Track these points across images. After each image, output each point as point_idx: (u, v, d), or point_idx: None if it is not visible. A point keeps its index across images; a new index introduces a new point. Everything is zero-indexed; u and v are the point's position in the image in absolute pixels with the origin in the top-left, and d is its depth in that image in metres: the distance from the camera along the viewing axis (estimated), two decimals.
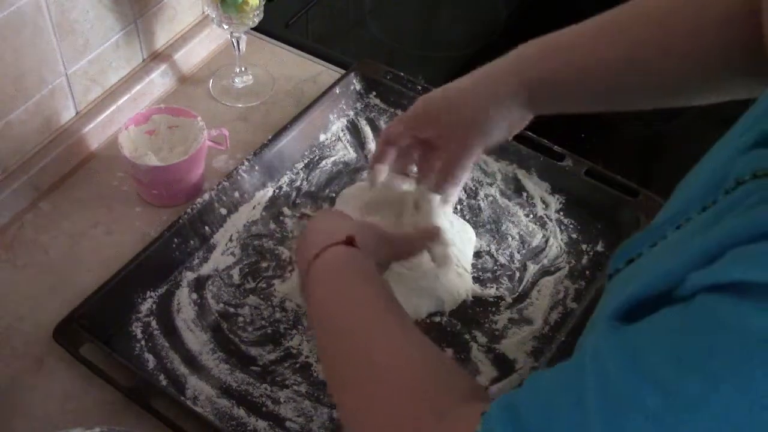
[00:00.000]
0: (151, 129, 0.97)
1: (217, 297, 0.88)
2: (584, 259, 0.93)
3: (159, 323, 0.86)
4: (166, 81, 1.10)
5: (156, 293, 0.88)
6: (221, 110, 1.09)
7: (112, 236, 0.94)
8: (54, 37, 0.93)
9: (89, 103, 1.02)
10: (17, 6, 0.86)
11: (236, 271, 0.91)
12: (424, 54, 1.30)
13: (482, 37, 1.32)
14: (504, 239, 0.95)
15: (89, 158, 1.02)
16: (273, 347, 0.84)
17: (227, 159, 1.02)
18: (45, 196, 0.97)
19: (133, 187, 0.98)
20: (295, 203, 0.98)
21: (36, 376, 0.82)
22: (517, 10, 1.37)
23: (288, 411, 0.79)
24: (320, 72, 1.14)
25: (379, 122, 1.07)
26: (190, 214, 0.91)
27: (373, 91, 1.09)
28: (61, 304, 0.85)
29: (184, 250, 0.91)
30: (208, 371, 0.82)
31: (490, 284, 0.90)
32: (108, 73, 1.03)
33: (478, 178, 1.01)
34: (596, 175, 0.97)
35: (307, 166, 1.02)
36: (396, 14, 1.36)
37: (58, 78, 0.96)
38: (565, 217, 0.97)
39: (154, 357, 0.83)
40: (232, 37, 1.06)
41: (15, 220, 0.95)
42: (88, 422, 0.74)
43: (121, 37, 1.02)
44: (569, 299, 0.89)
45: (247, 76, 1.11)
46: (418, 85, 1.07)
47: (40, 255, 0.92)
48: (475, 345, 0.85)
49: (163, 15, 1.07)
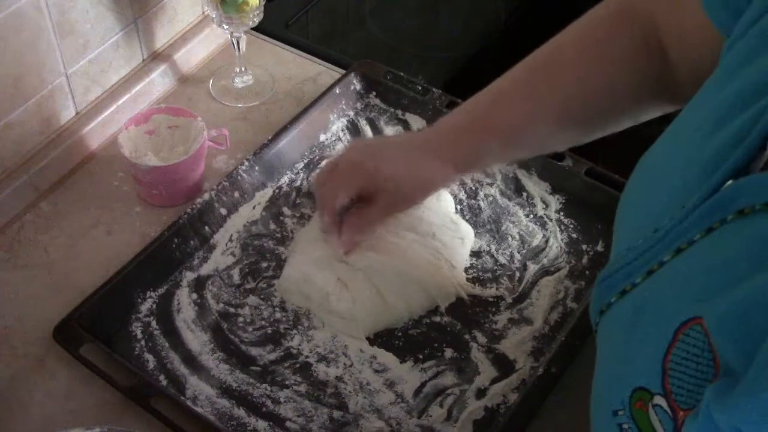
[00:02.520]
0: (151, 129, 0.97)
1: (217, 297, 0.88)
2: (584, 259, 0.93)
3: (159, 323, 0.86)
4: (166, 81, 1.10)
5: (156, 293, 0.88)
6: (221, 110, 1.09)
7: (112, 236, 0.94)
8: (54, 37, 0.93)
9: (89, 103, 1.02)
10: (17, 6, 0.86)
11: (236, 271, 0.91)
12: (424, 54, 1.30)
13: (482, 37, 1.32)
14: (504, 239, 0.95)
15: (89, 158, 1.02)
16: (273, 347, 0.84)
17: (227, 159, 1.02)
18: (45, 196, 0.97)
19: (133, 187, 0.98)
20: (295, 203, 0.98)
21: (36, 376, 0.82)
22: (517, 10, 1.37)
23: (288, 411, 0.79)
24: (320, 72, 1.14)
25: (379, 122, 1.07)
26: (190, 214, 0.91)
27: (373, 91, 1.09)
28: (61, 304, 0.85)
29: (184, 250, 0.91)
30: (208, 371, 0.82)
31: (490, 284, 0.90)
32: (108, 73, 1.03)
33: (478, 178, 1.01)
34: (596, 175, 0.97)
35: (307, 166, 1.02)
36: (396, 14, 1.36)
37: (58, 78, 0.96)
38: (565, 217, 0.97)
39: (154, 357, 0.83)
40: (232, 37, 1.06)
41: (15, 220, 0.95)
42: (88, 422, 0.74)
43: (121, 37, 1.02)
44: (569, 299, 0.89)
45: (247, 76, 1.11)
46: (418, 85, 1.07)
47: (40, 255, 0.92)
48: (475, 345, 0.85)
49: (163, 15, 1.07)
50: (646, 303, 0.50)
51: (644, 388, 0.47)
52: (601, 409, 0.53)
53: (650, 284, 0.50)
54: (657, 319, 0.48)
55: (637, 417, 0.47)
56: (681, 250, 0.48)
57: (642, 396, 0.47)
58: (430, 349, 0.85)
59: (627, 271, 0.52)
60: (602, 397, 0.53)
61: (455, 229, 0.92)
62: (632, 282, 0.51)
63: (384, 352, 0.84)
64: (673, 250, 0.49)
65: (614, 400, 0.49)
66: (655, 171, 0.57)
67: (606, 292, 0.54)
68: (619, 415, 0.49)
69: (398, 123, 1.07)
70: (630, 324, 0.50)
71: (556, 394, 0.81)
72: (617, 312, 0.53)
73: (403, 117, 1.07)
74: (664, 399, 0.45)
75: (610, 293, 0.53)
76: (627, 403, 0.48)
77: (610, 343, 0.54)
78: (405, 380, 0.82)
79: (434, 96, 1.06)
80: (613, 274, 0.53)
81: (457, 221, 0.93)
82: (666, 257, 0.49)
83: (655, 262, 0.50)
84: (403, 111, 1.07)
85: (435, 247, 0.89)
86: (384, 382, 0.82)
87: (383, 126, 1.06)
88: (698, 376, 0.43)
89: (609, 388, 0.52)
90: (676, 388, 0.44)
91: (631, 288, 0.52)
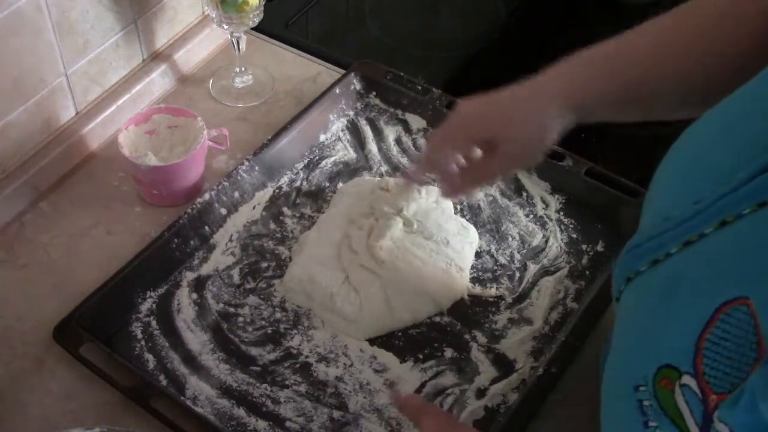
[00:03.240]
0: (151, 129, 0.97)
1: (217, 297, 0.88)
2: (584, 259, 0.93)
3: (159, 323, 0.86)
4: (166, 81, 1.10)
5: (156, 293, 0.88)
6: (221, 110, 1.09)
7: (112, 236, 0.94)
8: (54, 37, 0.93)
9: (89, 103, 1.02)
10: (17, 6, 0.86)
11: (236, 271, 0.91)
12: (424, 54, 1.29)
13: (482, 37, 1.32)
14: (504, 239, 0.95)
15: (89, 158, 1.02)
16: (273, 347, 0.84)
17: (227, 159, 1.02)
18: (45, 196, 0.97)
19: (133, 187, 0.98)
20: (295, 203, 0.98)
21: (36, 376, 0.82)
22: (517, 10, 1.37)
23: (288, 411, 0.79)
24: (320, 72, 1.14)
25: (378, 122, 1.07)
26: (190, 214, 0.91)
27: (373, 91, 1.09)
28: (61, 304, 0.85)
29: (184, 250, 0.91)
30: (208, 371, 0.82)
31: (490, 284, 0.90)
32: (108, 73, 1.03)
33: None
34: (596, 175, 0.97)
35: (307, 166, 1.02)
36: (396, 14, 1.36)
37: (58, 78, 0.96)
38: (565, 217, 0.97)
39: (154, 357, 0.83)
40: (232, 37, 1.06)
41: (15, 220, 0.95)
42: (88, 422, 0.74)
43: (121, 37, 1.02)
44: (569, 299, 0.89)
45: (247, 76, 1.11)
46: (418, 85, 1.07)
47: (40, 255, 0.92)
48: (475, 345, 0.85)
49: (163, 15, 1.07)
50: (682, 276, 0.47)
51: (672, 366, 0.44)
52: (618, 384, 0.50)
53: (688, 256, 0.48)
54: (695, 294, 0.45)
55: (661, 395, 0.45)
56: (726, 223, 0.45)
57: (669, 374, 0.44)
58: (430, 349, 0.85)
59: (660, 240, 0.50)
60: (621, 370, 0.50)
61: (465, 234, 0.92)
62: (666, 251, 0.49)
63: (384, 352, 0.84)
64: (717, 222, 0.46)
65: (636, 375, 0.47)
66: (700, 143, 0.54)
67: (635, 260, 0.51)
68: (641, 391, 0.46)
69: (398, 123, 1.07)
70: (662, 296, 0.48)
71: (556, 394, 0.81)
72: (647, 282, 0.50)
73: (403, 117, 1.07)
74: (694, 379, 0.43)
75: (639, 262, 0.51)
76: (651, 379, 0.46)
77: (636, 315, 0.51)
78: (405, 380, 0.82)
79: (434, 96, 1.06)
80: (644, 243, 0.51)
81: (466, 226, 0.93)
82: (708, 229, 0.46)
83: (695, 234, 0.47)
84: (403, 111, 1.07)
85: (449, 255, 0.89)
86: (384, 382, 0.82)
87: (383, 126, 1.06)
88: (738, 359, 0.41)
89: (630, 362, 0.49)
90: (710, 369, 0.42)
91: (665, 257, 0.49)
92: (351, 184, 0.97)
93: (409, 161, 1.03)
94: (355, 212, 0.91)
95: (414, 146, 1.05)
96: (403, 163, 1.03)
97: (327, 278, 0.86)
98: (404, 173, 0.93)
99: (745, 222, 0.45)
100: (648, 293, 0.50)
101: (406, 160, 1.03)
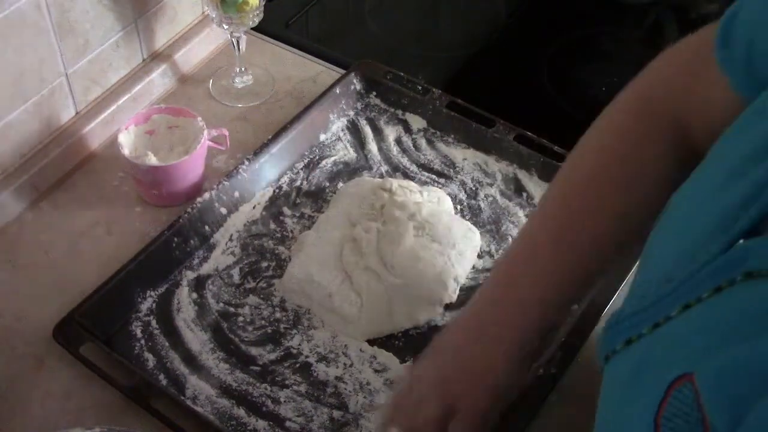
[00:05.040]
0: (151, 129, 0.97)
1: (217, 297, 0.88)
2: None
3: (159, 323, 0.86)
4: (166, 81, 1.10)
5: (156, 293, 0.88)
6: (221, 110, 1.09)
7: (112, 236, 0.94)
8: (54, 37, 0.93)
9: (89, 103, 1.02)
10: (17, 6, 0.86)
11: (236, 270, 0.91)
12: (424, 54, 1.29)
13: (482, 37, 1.32)
14: (504, 239, 0.95)
15: (89, 158, 1.02)
16: (273, 347, 0.84)
17: (227, 159, 1.02)
18: (45, 196, 0.97)
19: (133, 187, 0.98)
20: (295, 203, 0.98)
21: (36, 376, 0.82)
22: (517, 10, 1.37)
23: (288, 411, 0.79)
24: (320, 72, 1.14)
25: (379, 122, 1.07)
26: (190, 214, 0.91)
27: (373, 91, 1.09)
28: (61, 304, 0.85)
29: (184, 250, 0.91)
30: (208, 371, 0.82)
31: None
32: (108, 73, 1.03)
33: (478, 178, 1.01)
34: None
35: (307, 166, 1.02)
36: (396, 14, 1.36)
37: (58, 78, 0.96)
38: None
39: (154, 356, 0.83)
40: (232, 37, 1.06)
41: (15, 220, 0.95)
42: (88, 422, 0.74)
43: (121, 37, 1.02)
44: None
45: (247, 76, 1.11)
46: (418, 85, 1.07)
47: (40, 255, 0.92)
48: None
49: (163, 15, 1.07)
50: (645, 358, 0.48)
51: None
52: None
53: (653, 339, 0.48)
54: (653, 374, 0.46)
55: None
56: (689, 306, 0.46)
57: None
58: None
59: (636, 320, 0.50)
60: None
61: (472, 237, 0.92)
62: (638, 332, 0.49)
63: (384, 352, 0.84)
64: (681, 305, 0.46)
65: None
66: (675, 215, 0.54)
67: (614, 337, 0.52)
68: None
69: (398, 123, 1.07)
70: (629, 379, 0.49)
71: (556, 394, 0.80)
72: (619, 365, 0.51)
73: (403, 117, 1.07)
74: None
75: (617, 340, 0.51)
76: None
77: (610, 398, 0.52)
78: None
79: (434, 96, 1.06)
80: (624, 320, 0.51)
81: (473, 230, 0.93)
82: (673, 312, 0.47)
83: (662, 316, 0.48)
84: (403, 111, 1.08)
85: (453, 258, 0.88)
86: (384, 382, 0.82)
87: (383, 126, 1.06)
88: None
89: None
90: None
91: (637, 339, 0.49)
92: (351, 184, 0.97)
93: (409, 161, 1.03)
94: (356, 212, 0.91)
95: (414, 146, 1.05)
96: (403, 163, 1.03)
97: (325, 278, 0.86)
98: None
99: (702, 305, 0.45)
100: (617, 378, 0.51)
101: (406, 160, 1.03)
